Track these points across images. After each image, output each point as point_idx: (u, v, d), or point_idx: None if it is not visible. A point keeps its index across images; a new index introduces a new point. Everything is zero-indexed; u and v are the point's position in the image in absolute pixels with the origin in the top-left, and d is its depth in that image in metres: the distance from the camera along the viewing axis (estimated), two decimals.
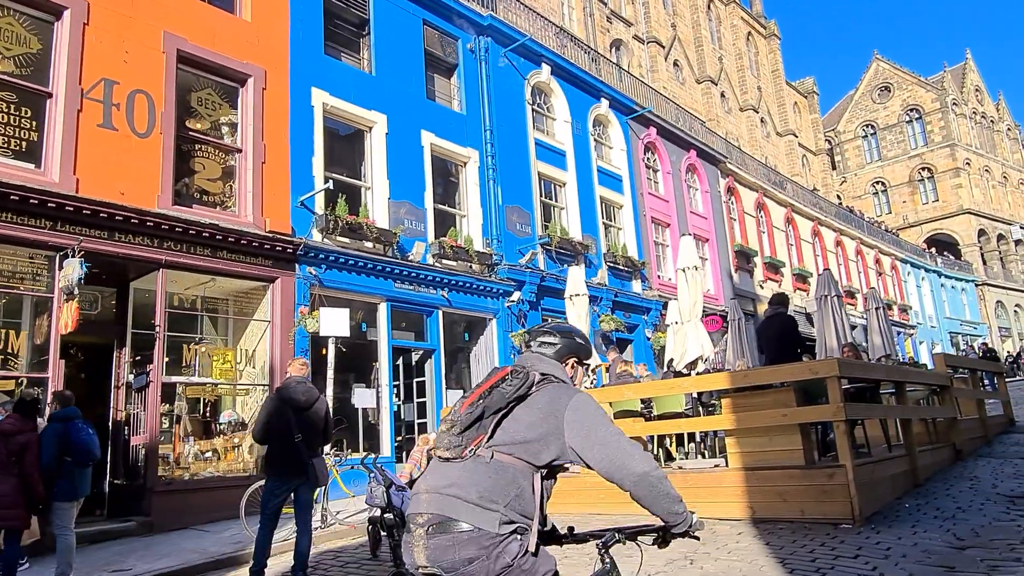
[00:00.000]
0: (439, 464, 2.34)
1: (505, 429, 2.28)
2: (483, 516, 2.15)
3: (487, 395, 2.33)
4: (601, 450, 2.27)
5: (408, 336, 14.12)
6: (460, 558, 2.13)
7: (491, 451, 2.25)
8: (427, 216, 14.36)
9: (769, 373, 7.53)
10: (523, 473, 2.26)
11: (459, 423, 2.30)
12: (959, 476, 8.97)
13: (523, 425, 2.29)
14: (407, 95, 14.58)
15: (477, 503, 2.17)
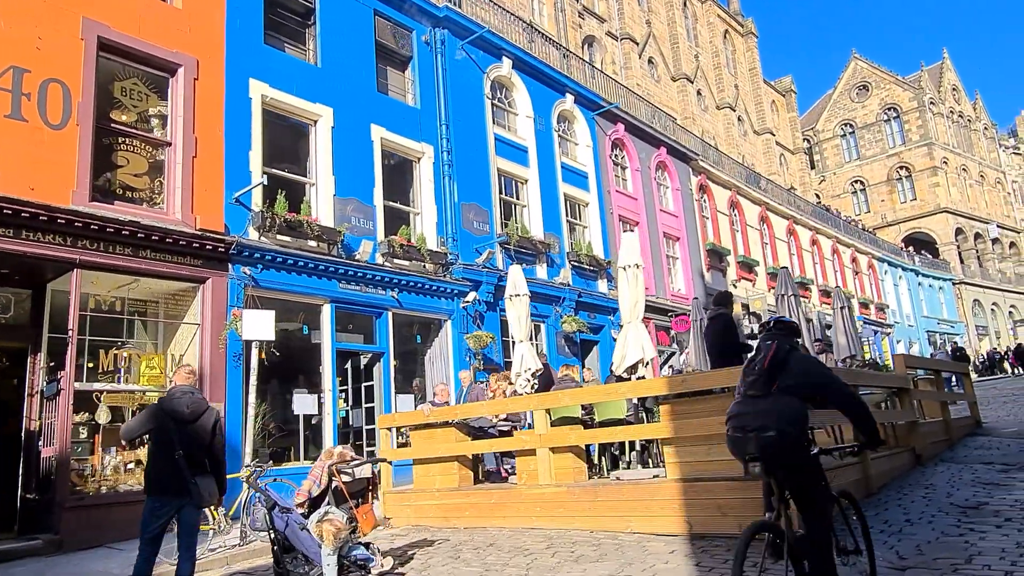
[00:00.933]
0: (749, 400, 4.01)
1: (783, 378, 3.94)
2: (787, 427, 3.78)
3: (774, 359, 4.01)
4: None
5: (356, 339, 13.54)
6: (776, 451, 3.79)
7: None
8: (376, 214, 13.80)
9: (704, 378, 7.05)
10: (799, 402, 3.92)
11: (761, 376, 3.99)
12: (915, 483, 8.54)
13: (790, 376, 3.95)
14: (356, 88, 14.00)
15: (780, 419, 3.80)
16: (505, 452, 9.40)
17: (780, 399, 3.90)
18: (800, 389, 3.96)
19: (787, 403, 3.88)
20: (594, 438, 7.87)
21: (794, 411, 3.86)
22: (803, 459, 3.89)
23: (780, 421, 3.78)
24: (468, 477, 9.06)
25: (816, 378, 4.10)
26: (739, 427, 3.96)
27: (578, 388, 8.49)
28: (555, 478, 7.92)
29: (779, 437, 3.77)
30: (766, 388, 3.96)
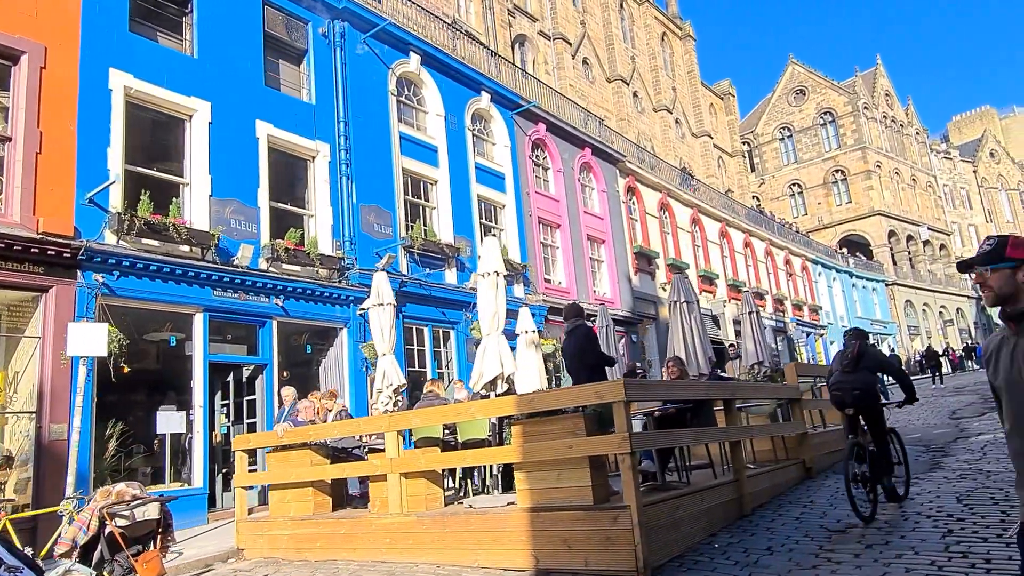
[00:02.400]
0: (844, 374, 6.85)
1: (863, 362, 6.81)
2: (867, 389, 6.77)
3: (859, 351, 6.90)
4: None
5: (238, 350, 12.64)
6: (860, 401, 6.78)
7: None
8: (261, 216, 12.91)
9: (554, 397, 6.44)
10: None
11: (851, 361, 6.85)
12: (795, 501, 8.11)
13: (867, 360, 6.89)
14: (239, 82, 13.10)
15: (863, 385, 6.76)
16: None
17: (862, 373, 6.94)
18: (873, 368, 7.11)
19: (866, 376, 6.94)
20: (444, 462, 7.21)
21: (869, 381, 6.97)
22: (874, 406, 6.95)
23: (863, 386, 6.85)
24: (325, 504, 8.30)
25: (880, 362, 7.38)
26: (839, 390, 7.00)
27: (430, 407, 7.80)
28: (407, 506, 7.23)
29: (863, 394, 6.86)
30: (853, 367, 6.96)
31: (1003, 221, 70.55)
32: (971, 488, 7.72)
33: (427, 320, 15.66)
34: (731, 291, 31.43)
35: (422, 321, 15.55)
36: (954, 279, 58.58)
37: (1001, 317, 2.51)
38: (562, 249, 21.01)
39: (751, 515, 7.52)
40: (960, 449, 10.67)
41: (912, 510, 7.02)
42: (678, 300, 10.29)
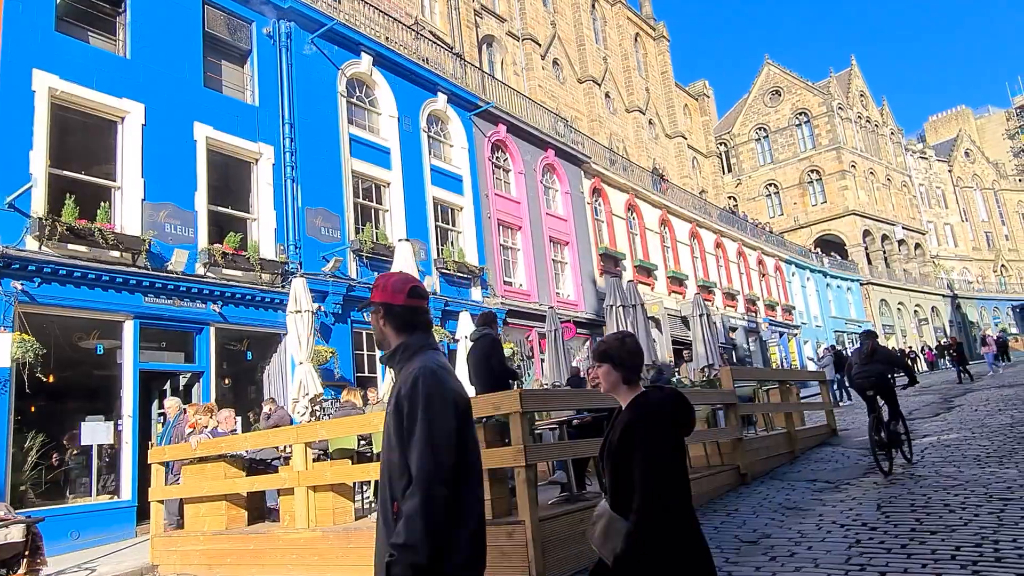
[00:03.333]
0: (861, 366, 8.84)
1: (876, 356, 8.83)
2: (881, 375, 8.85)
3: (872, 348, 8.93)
4: None
5: (175, 357, 12.34)
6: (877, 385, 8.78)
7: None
8: (198, 220, 12.61)
9: None
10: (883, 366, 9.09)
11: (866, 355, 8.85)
12: (719, 510, 7.95)
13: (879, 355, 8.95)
14: (176, 83, 12.80)
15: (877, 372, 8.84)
16: None
17: (875, 365, 8.70)
18: (883, 360, 8.90)
19: (879, 367, 8.72)
20: (350, 475, 6.98)
21: (882, 370, 8.74)
22: (889, 388, 8.79)
23: (877, 374, 8.64)
24: (240, 518, 8.05)
25: (888, 356, 9.24)
26: (860, 378, 8.75)
27: (341, 418, 7.57)
28: (315, 521, 7.00)
29: (877, 380, 8.64)
30: (869, 360, 8.74)
31: (978, 220, 71.29)
32: (896, 495, 7.60)
33: None
34: (701, 291, 31.35)
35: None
36: (929, 278, 59.01)
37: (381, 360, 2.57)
38: (523, 251, 20.83)
39: None
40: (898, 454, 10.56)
41: (829, 518, 6.88)
42: (613, 304, 10.11)
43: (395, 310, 2.37)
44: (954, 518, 6.28)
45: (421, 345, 2.34)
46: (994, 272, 69.60)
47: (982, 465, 8.66)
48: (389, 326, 2.38)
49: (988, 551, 5.22)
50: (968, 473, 8.25)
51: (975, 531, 5.77)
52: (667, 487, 2.46)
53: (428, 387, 2.14)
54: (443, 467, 2.06)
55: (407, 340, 2.35)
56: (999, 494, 6.98)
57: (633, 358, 2.70)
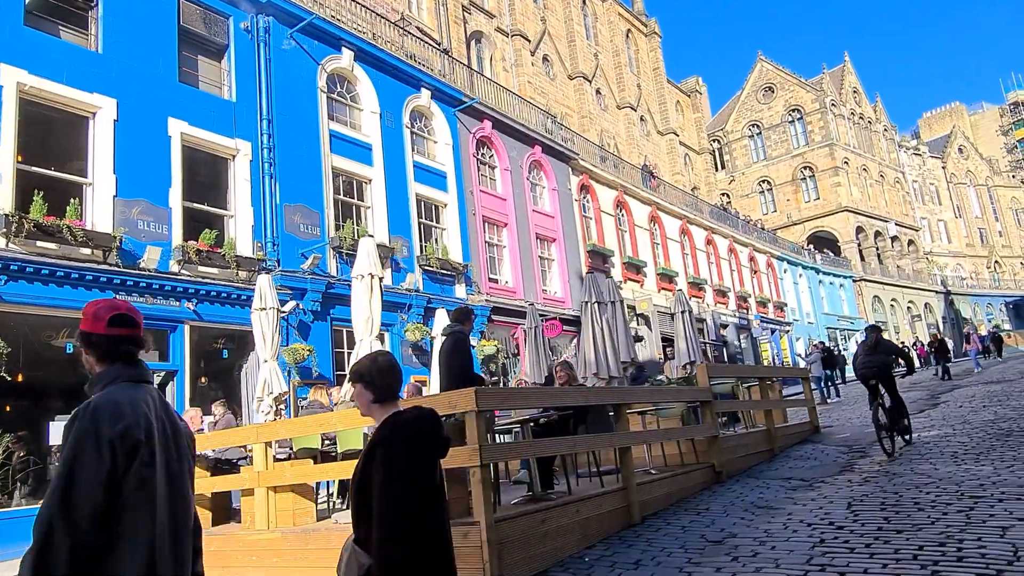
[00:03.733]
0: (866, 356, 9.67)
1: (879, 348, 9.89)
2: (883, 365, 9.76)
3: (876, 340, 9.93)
4: None
5: (149, 356, 12.16)
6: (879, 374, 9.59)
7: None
8: (172, 216, 12.45)
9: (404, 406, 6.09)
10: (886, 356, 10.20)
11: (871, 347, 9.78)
12: (690, 509, 7.83)
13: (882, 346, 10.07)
14: (149, 78, 12.64)
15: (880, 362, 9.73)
16: None
17: (879, 356, 9.56)
18: (886, 352, 9.82)
19: (882, 358, 9.56)
20: (308, 475, 6.85)
21: (885, 361, 9.59)
22: (890, 376, 9.53)
23: (880, 364, 9.43)
24: (204, 519, 7.89)
25: (889, 348, 10.21)
26: (864, 368, 9.55)
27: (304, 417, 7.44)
28: (275, 521, 6.87)
29: (880, 370, 9.40)
30: (873, 352, 9.59)
31: (972, 216, 71.33)
32: (868, 492, 7.50)
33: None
34: (692, 288, 31.27)
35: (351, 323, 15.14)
36: (922, 274, 59.03)
37: None
38: (509, 248, 20.69)
39: (639, 525, 7.24)
40: (880, 450, 10.47)
41: (797, 517, 6.77)
42: (589, 301, 9.98)
43: (93, 338, 2.28)
44: (922, 517, 6.18)
45: (115, 376, 2.23)
46: (987, 268, 69.66)
47: (959, 462, 8.57)
48: (91, 355, 2.29)
49: (951, 551, 5.11)
50: (943, 470, 8.16)
51: (941, 530, 5.66)
52: (410, 516, 2.25)
53: (82, 426, 2.03)
54: (74, 510, 1.91)
55: (103, 371, 2.25)
56: (971, 492, 6.88)
57: (385, 376, 2.57)
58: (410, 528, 2.22)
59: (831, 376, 21.67)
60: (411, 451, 2.31)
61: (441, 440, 2.47)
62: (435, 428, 2.47)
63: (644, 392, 9.03)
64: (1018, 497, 6.45)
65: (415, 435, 2.38)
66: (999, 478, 7.38)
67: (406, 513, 2.23)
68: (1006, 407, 13.22)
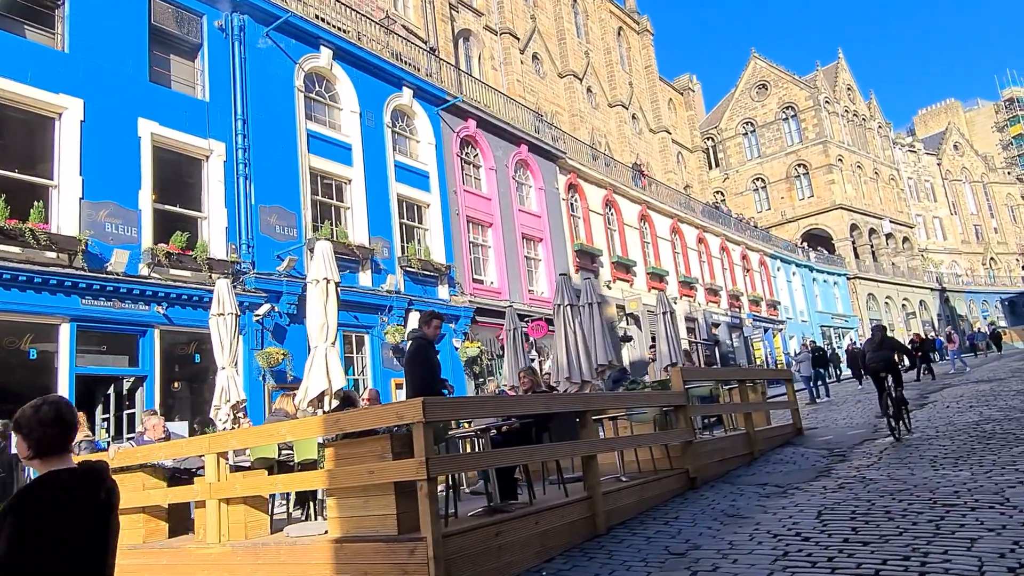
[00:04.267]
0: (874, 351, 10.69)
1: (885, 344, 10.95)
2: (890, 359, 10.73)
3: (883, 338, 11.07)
4: None
5: (119, 361, 11.96)
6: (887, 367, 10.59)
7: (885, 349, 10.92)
8: (142, 219, 12.23)
9: (361, 417, 5.88)
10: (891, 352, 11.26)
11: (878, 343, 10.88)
12: (659, 518, 7.61)
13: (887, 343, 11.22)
14: (118, 78, 12.40)
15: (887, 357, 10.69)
16: None
17: (885, 351, 10.44)
18: (891, 348, 10.72)
19: (887, 353, 10.41)
20: (258, 487, 6.64)
21: (890, 356, 10.43)
22: (896, 370, 10.44)
23: (887, 358, 10.33)
24: (159, 531, 7.69)
25: (894, 345, 11.02)
26: (872, 362, 10.52)
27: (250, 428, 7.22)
28: (227, 535, 6.65)
29: (886, 363, 10.29)
30: (880, 347, 10.54)
31: (967, 213, 71.21)
32: (841, 500, 7.29)
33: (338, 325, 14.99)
34: (682, 287, 31.09)
35: None
36: (917, 272, 58.88)
37: None
38: (494, 248, 20.48)
39: (605, 535, 7.02)
40: (860, 453, 10.27)
41: (765, 527, 6.56)
42: (561, 303, 9.76)
43: None
44: (891, 527, 5.97)
45: None
46: (983, 265, 69.53)
47: (937, 467, 8.37)
48: None
49: (915, 565, 4.91)
50: (920, 476, 7.96)
51: (908, 542, 5.45)
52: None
53: None
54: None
55: None
56: (944, 499, 6.68)
57: (45, 428, 2.22)
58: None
59: (821, 376, 21.48)
60: (28, 526, 1.98)
61: (93, 508, 2.15)
62: (85, 494, 2.14)
63: (611, 397, 8.81)
64: (991, 505, 6.26)
65: (44, 506, 2.04)
66: (975, 484, 7.18)
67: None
68: (992, 407, 13.03)
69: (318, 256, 8.28)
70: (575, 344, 9.42)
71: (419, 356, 6.55)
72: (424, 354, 6.68)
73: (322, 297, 7.97)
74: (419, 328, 6.75)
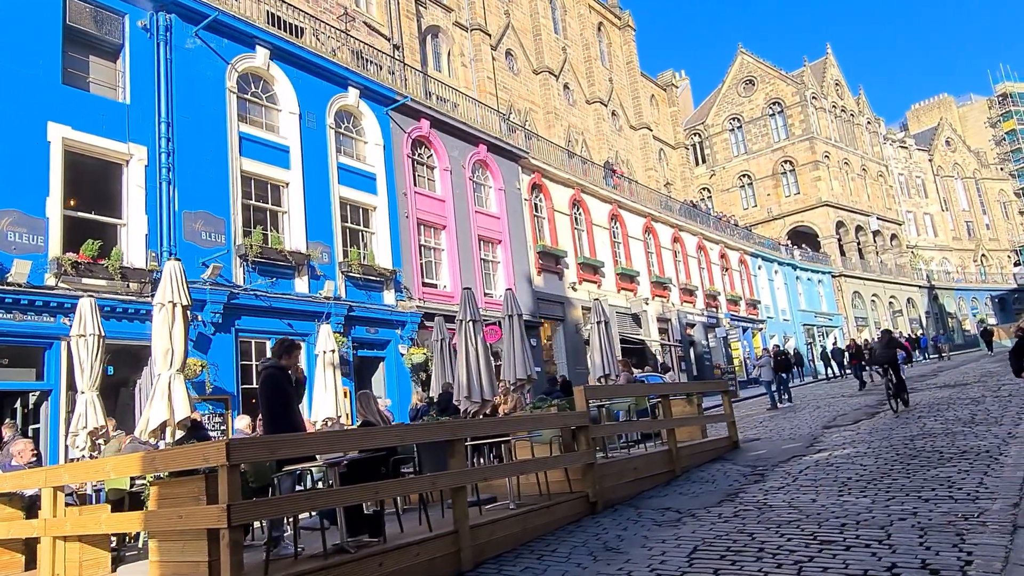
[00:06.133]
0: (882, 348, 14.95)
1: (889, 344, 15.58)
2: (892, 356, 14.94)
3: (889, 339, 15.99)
4: None
5: (24, 375, 11.57)
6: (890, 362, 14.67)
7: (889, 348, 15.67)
8: (49, 227, 11.81)
9: (176, 456, 5.48)
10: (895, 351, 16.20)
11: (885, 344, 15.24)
12: (537, 551, 7.18)
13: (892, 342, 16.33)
14: (26, 80, 11.98)
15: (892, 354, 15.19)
16: None
17: (890, 350, 14.46)
18: (895, 347, 14.93)
19: (892, 351, 14.40)
20: (84, 527, 6.22)
21: (893, 352, 14.42)
22: (895, 363, 14.05)
23: (891, 355, 14.22)
24: (15, 563, 7.30)
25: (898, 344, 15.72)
26: (880, 358, 14.54)
27: (78, 463, 6.81)
28: (61, 573, 6.26)
29: (889, 358, 14.09)
30: (887, 346, 14.67)
31: (959, 209, 70.70)
32: (724, 533, 6.88)
33: (269, 333, 14.62)
34: (655, 288, 30.66)
35: (262, 334, 14.53)
36: (905, 269, 58.41)
37: None
38: (447, 251, 20.05)
39: (470, 571, 6.63)
40: (780, 472, 9.86)
41: (632, 566, 6.15)
42: (464, 319, 9.34)
43: None
44: (753, 569, 5.57)
45: None
46: (974, 262, 69.06)
47: (843, 492, 7.97)
48: None
49: None
50: (818, 504, 7.56)
51: None
52: None
53: None
54: None
55: None
56: (825, 534, 6.28)
57: None
58: None
59: (784, 381, 21.07)
60: None
61: None
62: None
63: (485, 424, 8.38)
64: (867, 543, 5.86)
65: None
66: (868, 515, 6.79)
67: None
68: (938, 419, 12.61)
69: (164, 278, 7.85)
70: (475, 361, 9.00)
71: (268, 387, 6.15)
72: (274, 385, 6.27)
73: (166, 322, 7.55)
74: (273, 357, 6.34)
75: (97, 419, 8.30)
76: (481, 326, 9.41)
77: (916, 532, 6.00)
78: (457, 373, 9.03)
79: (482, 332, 9.22)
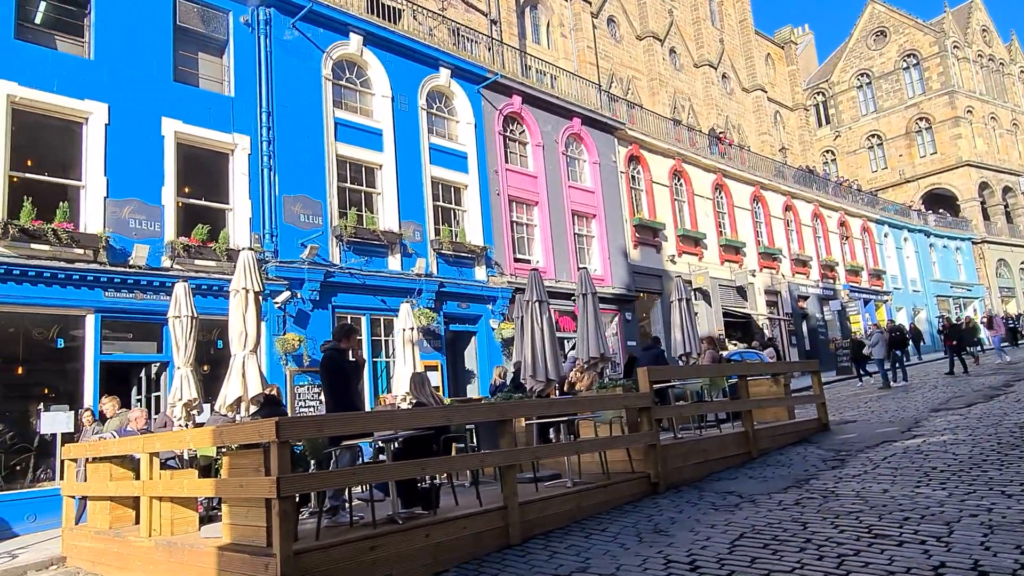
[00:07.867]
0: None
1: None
2: None
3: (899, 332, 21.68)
4: None
5: (147, 347, 12.87)
6: None
7: None
8: (165, 214, 12.98)
9: (236, 432, 6.01)
10: None
11: None
12: (588, 529, 7.30)
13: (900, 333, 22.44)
14: (143, 80, 13.11)
15: None
16: None
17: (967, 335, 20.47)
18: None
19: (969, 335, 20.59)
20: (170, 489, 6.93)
21: (970, 336, 21.65)
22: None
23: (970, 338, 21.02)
24: (125, 517, 8.28)
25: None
26: (960, 339, 19.56)
27: (163, 433, 7.54)
28: (157, 530, 7.07)
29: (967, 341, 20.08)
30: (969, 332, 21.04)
31: None
32: (776, 521, 6.73)
33: (363, 309, 15.42)
34: (763, 259, 29.42)
35: (356, 310, 15.33)
36: None
37: None
38: (540, 227, 20.18)
39: (516, 547, 6.85)
40: (862, 459, 9.40)
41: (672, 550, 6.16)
42: (530, 299, 9.48)
43: None
44: (793, 560, 5.45)
45: None
46: None
47: (920, 484, 7.55)
48: None
49: None
50: (889, 494, 7.21)
51: None
52: None
53: None
54: None
55: None
56: (882, 528, 6.03)
57: None
58: None
59: (899, 358, 19.77)
60: None
61: None
62: None
63: (536, 405, 8.49)
64: (923, 540, 5.58)
65: None
66: (938, 509, 6.44)
67: None
68: None
69: (239, 267, 8.48)
70: (541, 341, 9.15)
71: (329, 367, 6.61)
72: (334, 365, 6.73)
73: (240, 306, 8.19)
74: (333, 340, 6.79)
75: (191, 392, 9.21)
76: (547, 306, 9.51)
77: (982, 530, 5.64)
78: (524, 352, 9.22)
79: (548, 312, 9.32)
